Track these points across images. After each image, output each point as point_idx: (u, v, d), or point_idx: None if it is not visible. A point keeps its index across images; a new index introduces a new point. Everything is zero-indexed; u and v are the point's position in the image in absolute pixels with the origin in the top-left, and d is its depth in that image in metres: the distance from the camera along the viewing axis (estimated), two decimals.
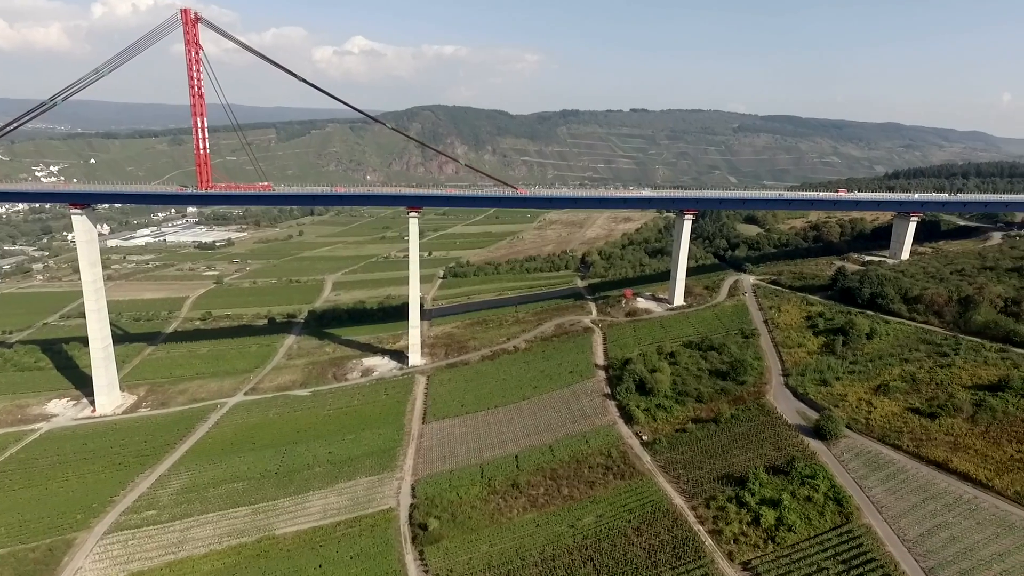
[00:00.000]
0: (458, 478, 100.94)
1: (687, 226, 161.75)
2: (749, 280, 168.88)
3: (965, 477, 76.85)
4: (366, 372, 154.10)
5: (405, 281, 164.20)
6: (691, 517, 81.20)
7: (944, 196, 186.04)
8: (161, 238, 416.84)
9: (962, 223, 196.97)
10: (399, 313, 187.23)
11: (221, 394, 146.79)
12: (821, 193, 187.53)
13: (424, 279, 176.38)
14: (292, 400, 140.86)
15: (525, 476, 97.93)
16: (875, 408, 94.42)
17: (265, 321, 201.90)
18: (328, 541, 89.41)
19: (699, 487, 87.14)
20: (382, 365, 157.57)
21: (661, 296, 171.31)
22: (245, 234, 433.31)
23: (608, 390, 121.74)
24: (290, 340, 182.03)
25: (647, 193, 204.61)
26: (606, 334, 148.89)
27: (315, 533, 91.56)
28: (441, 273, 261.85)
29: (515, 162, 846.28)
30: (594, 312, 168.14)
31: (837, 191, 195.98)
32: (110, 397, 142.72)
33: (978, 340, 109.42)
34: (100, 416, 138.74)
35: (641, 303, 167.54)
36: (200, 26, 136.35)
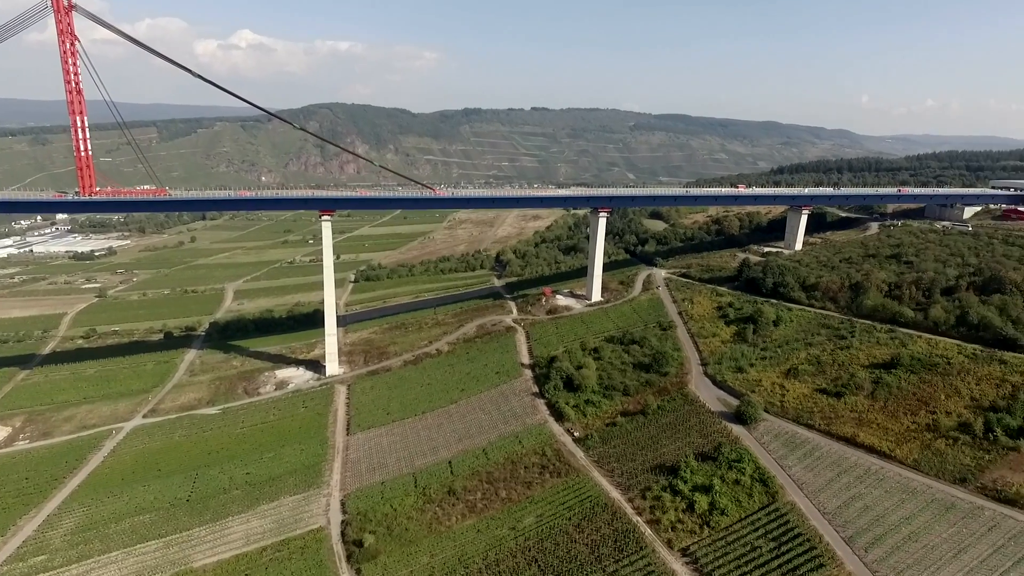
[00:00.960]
0: (391, 489, 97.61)
1: (602, 223, 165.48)
2: (661, 274, 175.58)
3: (871, 450, 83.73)
4: (280, 385, 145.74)
5: (313, 287, 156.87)
6: (629, 509, 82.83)
7: (830, 190, 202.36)
8: (27, 248, 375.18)
9: (844, 215, 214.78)
10: (311, 320, 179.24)
11: (116, 418, 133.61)
12: (724, 189, 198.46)
13: (335, 283, 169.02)
14: (200, 420, 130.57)
15: (461, 482, 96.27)
16: (787, 391, 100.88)
17: (161, 336, 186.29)
18: (254, 569, 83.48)
19: (634, 479, 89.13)
20: (297, 376, 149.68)
21: (579, 292, 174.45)
22: (128, 242, 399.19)
23: (536, 388, 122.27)
24: (191, 355, 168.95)
25: (564, 192, 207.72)
26: (529, 332, 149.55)
27: (239, 561, 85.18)
28: (352, 277, 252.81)
29: (419, 161, 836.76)
30: (515, 311, 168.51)
31: (737, 187, 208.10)
32: None
33: (870, 322, 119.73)
34: None
35: (561, 300, 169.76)
36: (74, 14, 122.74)
